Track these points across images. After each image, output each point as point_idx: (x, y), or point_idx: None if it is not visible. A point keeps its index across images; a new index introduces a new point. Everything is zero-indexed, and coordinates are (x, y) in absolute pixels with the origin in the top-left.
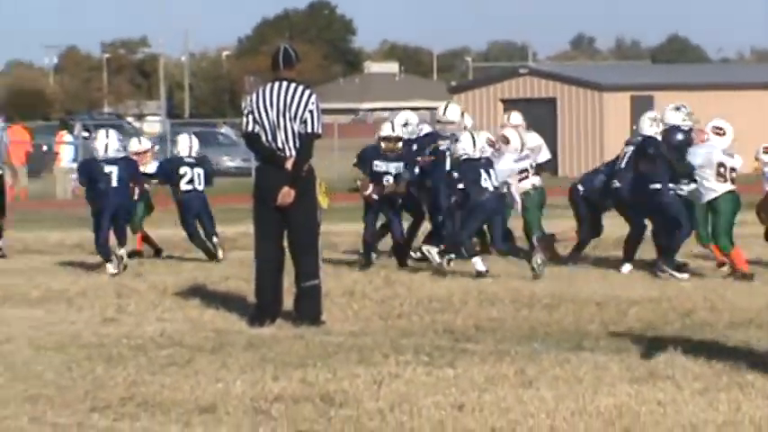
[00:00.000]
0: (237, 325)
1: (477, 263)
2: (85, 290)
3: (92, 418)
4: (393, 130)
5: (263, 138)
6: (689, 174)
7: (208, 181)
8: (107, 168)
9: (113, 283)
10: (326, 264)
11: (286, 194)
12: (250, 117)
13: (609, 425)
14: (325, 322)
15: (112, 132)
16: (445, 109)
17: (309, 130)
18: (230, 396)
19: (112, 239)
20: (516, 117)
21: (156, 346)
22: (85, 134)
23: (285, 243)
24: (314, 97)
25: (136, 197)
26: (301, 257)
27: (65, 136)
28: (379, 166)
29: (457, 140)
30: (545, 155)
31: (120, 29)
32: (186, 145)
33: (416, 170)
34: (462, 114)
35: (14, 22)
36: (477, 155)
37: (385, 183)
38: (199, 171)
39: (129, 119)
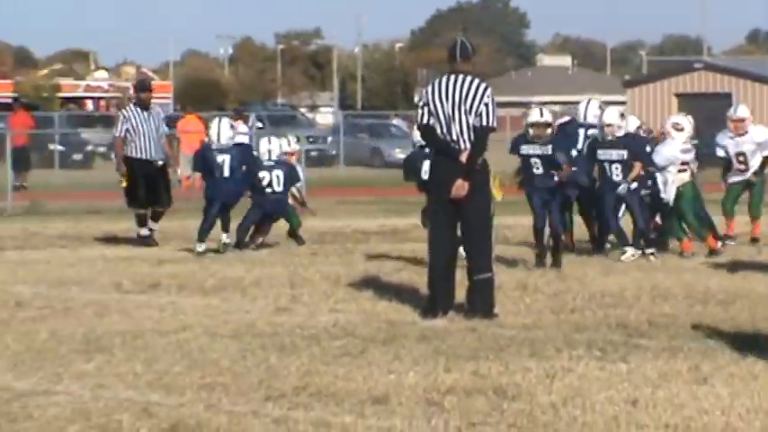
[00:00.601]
0: (410, 317)
1: None
2: (259, 279)
3: (266, 406)
4: (542, 115)
5: (438, 130)
6: None
7: (287, 182)
8: (219, 158)
9: (287, 273)
10: (499, 256)
11: (460, 187)
12: (425, 109)
13: None
14: (498, 315)
15: (225, 120)
16: (602, 113)
17: (484, 123)
18: (403, 387)
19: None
20: (743, 110)
21: (329, 337)
22: (259, 125)
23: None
24: (489, 90)
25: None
26: (474, 250)
27: (239, 126)
28: (526, 149)
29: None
30: None
31: (294, 20)
32: (266, 149)
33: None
34: (622, 116)
35: (191, 13)
36: None
37: (534, 169)
38: (278, 173)
39: (303, 110)
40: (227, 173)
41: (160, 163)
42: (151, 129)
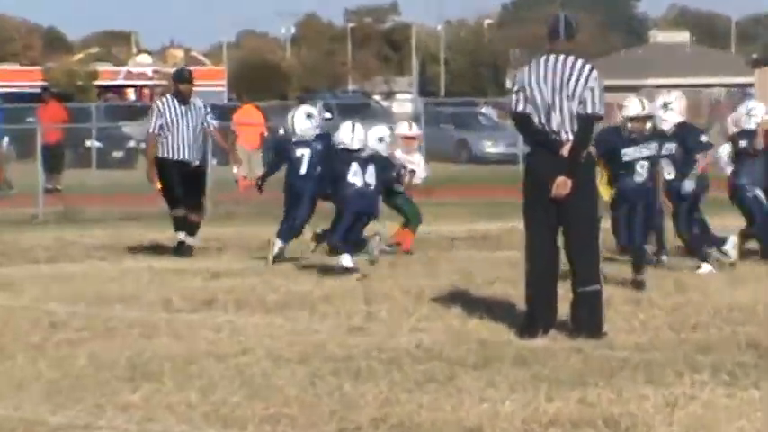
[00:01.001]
0: (505, 336)
1: (345, 258)
2: (329, 294)
3: None
4: (644, 108)
5: (536, 119)
6: None
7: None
8: (298, 152)
9: (362, 287)
10: (608, 266)
11: (562, 185)
12: (520, 95)
13: None
14: (607, 334)
15: (300, 110)
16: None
17: (589, 110)
18: (498, 418)
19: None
20: None
21: (411, 360)
22: (327, 115)
23: (561, 242)
24: (595, 73)
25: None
26: (579, 258)
27: None
28: (630, 154)
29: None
30: None
31: None
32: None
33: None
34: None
35: None
36: (355, 146)
37: (637, 176)
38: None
39: (377, 98)
40: (303, 170)
41: (196, 164)
42: (188, 126)
